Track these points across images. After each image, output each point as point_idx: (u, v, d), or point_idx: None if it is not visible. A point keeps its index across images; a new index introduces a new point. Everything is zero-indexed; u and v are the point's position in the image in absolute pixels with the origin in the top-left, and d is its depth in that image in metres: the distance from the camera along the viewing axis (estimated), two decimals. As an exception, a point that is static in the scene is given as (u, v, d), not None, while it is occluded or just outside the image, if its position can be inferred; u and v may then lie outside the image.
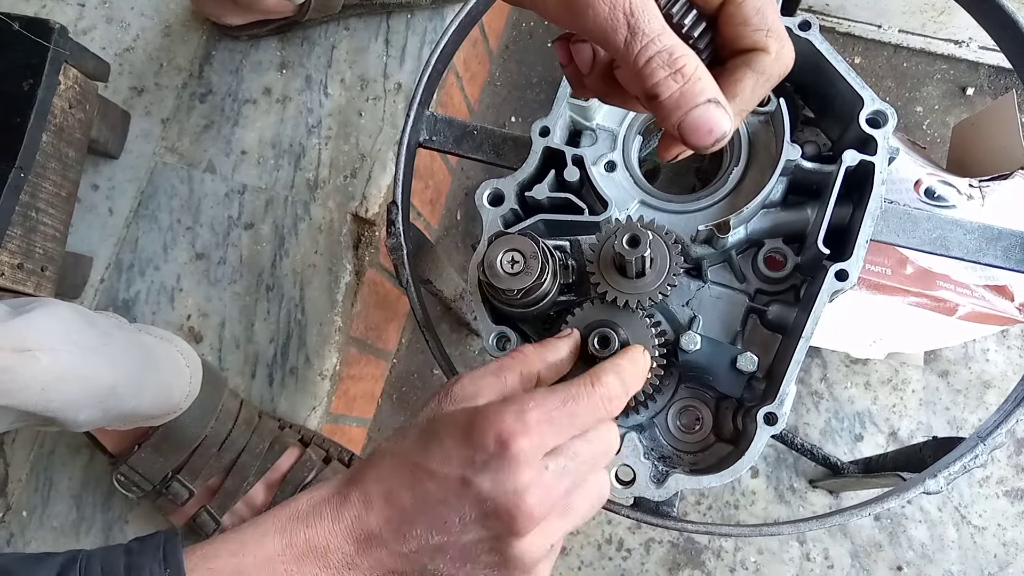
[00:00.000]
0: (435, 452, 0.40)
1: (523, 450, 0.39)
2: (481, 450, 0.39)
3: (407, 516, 0.40)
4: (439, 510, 0.39)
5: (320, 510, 0.41)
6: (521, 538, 0.39)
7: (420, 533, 0.40)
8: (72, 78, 0.91)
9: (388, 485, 0.41)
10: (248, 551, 0.40)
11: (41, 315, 0.68)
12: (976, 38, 1.27)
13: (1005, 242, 0.63)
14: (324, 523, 0.40)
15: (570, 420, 0.42)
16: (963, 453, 0.61)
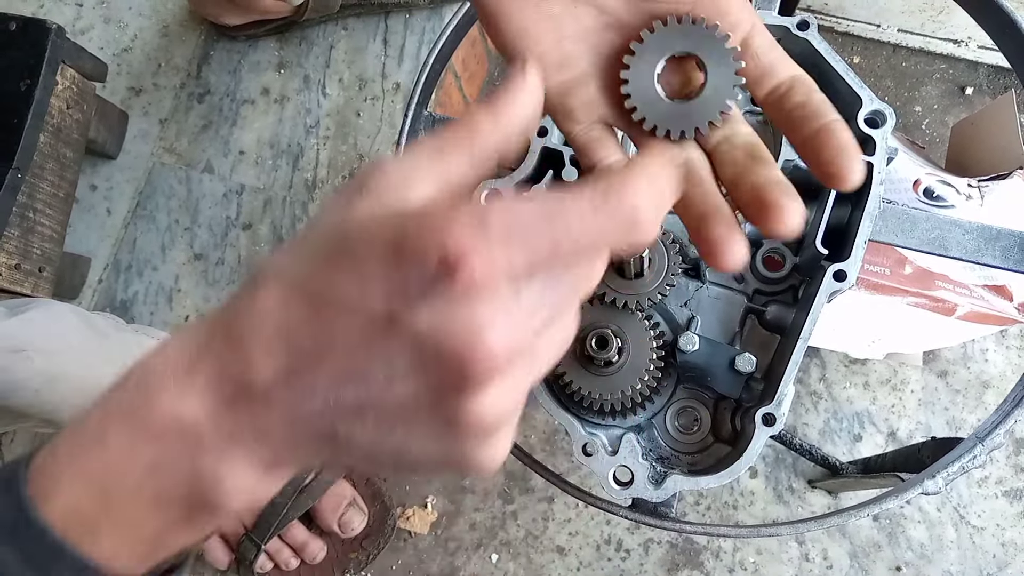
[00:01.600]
0: (346, 275, 0.26)
1: (482, 272, 0.24)
2: (417, 272, 0.25)
3: (305, 363, 0.27)
4: (355, 356, 0.26)
5: (169, 372, 0.29)
6: (477, 391, 0.26)
7: (326, 386, 0.27)
8: (69, 78, 0.91)
9: (273, 321, 0.27)
10: (92, 457, 0.30)
11: (37, 316, 0.68)
12: (975, 37, 1.27)
13: (1004, 242, 0.63)
14: (178, 388, 0.28)
15: (553, 234, 0.25)
16: (962, 454, 0.61)
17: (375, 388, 0.27)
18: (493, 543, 1.16)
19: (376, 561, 1.10)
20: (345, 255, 0.27)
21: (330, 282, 0.27)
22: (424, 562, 1.16)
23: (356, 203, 0.28)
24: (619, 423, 0.62)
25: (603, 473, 0.58)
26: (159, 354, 0.30)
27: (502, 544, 1.16)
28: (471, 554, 1.16)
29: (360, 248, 0.26)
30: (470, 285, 0.25)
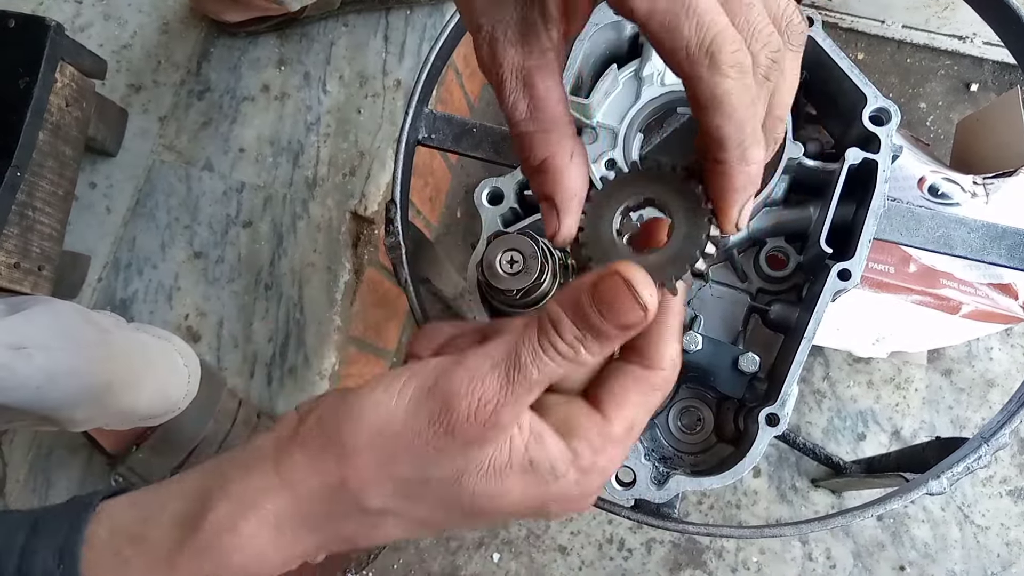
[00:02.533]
0: (486, 522, 0.37)
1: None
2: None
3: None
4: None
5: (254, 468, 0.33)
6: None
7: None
8: (69, 76, 0.90)
9: (400, 537, 0.35)
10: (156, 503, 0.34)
11: (37, 313, 0.67)
12: (980, 34, 1.26)
13: (1009, 240, 0.62)
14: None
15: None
16: (966, 454, 0.60)
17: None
18: (495, 542, 1.16)
19: (377, 560, 1.10)
20: (488, 517, 0.34)
21: (473, 523, 0.35)
22: (425, 561, 1.16)
23: (478, 456, 0.32)
24: (621, 423, 0.62)
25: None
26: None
27: (504, 543, 1.16)
28: (472, 553, 1.15)
29: (510, 516, 0.34)
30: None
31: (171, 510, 0.34)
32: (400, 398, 0.32)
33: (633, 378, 0.34)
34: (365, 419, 0.32)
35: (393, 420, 0.32)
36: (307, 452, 0.33)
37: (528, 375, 0.32)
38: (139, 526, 0.34)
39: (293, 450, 0.33)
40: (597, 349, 0.33)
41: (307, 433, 0.33)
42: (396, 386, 0.33)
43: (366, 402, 0.33)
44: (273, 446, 0.34)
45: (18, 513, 0.35)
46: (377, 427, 0.32)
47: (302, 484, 0.33)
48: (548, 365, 0.32)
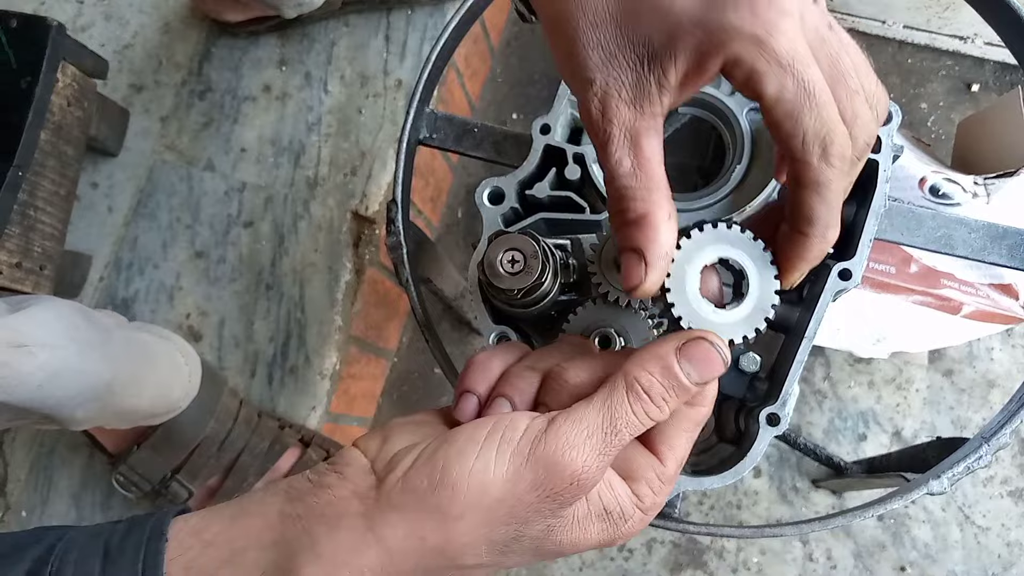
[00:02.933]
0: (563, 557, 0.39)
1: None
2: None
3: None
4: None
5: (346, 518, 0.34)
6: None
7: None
8: (70, 76, 0.90)
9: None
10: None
11: (39, 311, 0.67)
12: (981, 34, 1.26)
13: (1010, 240, 0.62)
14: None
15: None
16: (967, 454, 0.60)
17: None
18: (495, 542, 1.16)
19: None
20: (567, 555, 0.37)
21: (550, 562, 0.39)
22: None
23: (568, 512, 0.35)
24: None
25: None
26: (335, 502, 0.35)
27: (504, 543, 1.16)
28: (473, 553, 1.15)
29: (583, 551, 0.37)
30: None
31: (254, 560, 0.34)
32: (498, 466, 0.34)
33: (681, 417, 0.38)
34: (462, 486, 0.34)
35: (492, 488, 0.34)
36: (405, 516, 0.34)
37: (623, 439, 0.35)
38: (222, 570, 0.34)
39: (388, 512, 0.34)
40: (676, 405, 0.37)
41: (398, 496, 0.34)
42: (490, 454, 0.34)
43: (462, 469, 0.34)
44: (360, 503, 0.35)
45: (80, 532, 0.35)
46: (476, 495, 0.34)
47: (399, 544, 0.34)
48: (635, 425, 0.36)
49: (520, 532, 0.35)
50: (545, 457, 0.34)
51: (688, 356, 0.36)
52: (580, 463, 0.34)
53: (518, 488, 0.34)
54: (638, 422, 0.35)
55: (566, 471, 0.34)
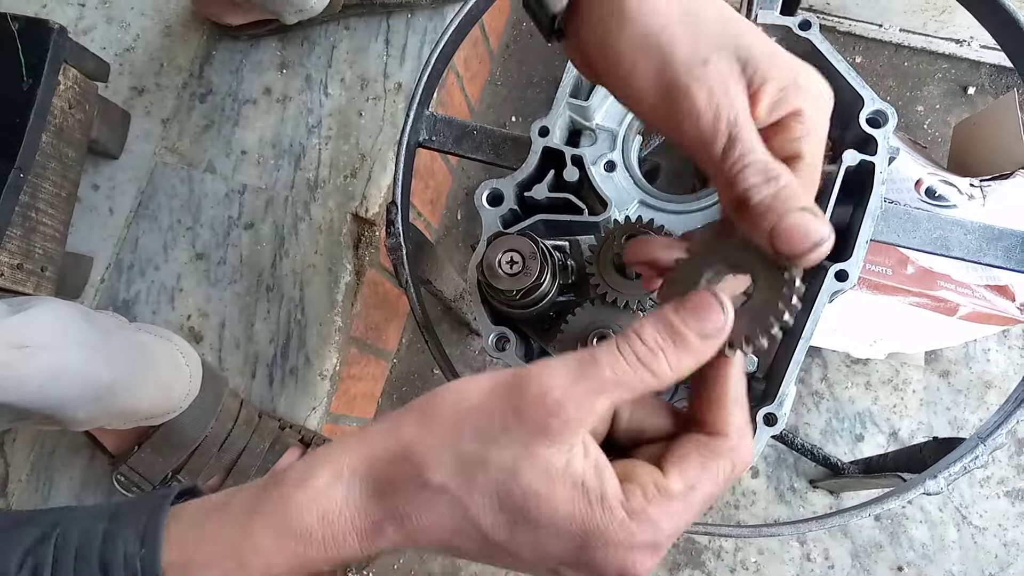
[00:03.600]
0: (527, 539, 0.33)
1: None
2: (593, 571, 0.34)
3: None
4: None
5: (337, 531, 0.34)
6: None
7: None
8: (72, 78, 0.91)
9: (449, 539, 0.34)
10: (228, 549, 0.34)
11: (40, 312, 0.68)
12: (977, 37, 1.27)
13: (1006, 242, 0.63)
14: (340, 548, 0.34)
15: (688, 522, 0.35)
16: (963, 454, 0.61)
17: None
18: (494, 543, 1.16)
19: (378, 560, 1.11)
20: (526, 526, 0.33)
21: (510, 539, 0.34)
22: (426, 561, 1.16)
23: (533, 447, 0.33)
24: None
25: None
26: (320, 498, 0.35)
27: (503, 544, 1.16)
28: (472, 554, 1.15)
29: (543, 528, 0.33)
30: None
31: (254, 483, 0.36)
32: (478, 383, 0.34)
33: (696, 443, 0.36)
34: (443, 396, 0.35)
35: (468, 398, 0.34)
36: (389, 420, 0.35)
37: (601, 372, 0.33)
38: (221, 498, 0.36)
39: (379, 420, 0.36)
40: (675, 361, 0.34)
41: (396, 411, 0.36)
42: (478, 377, 0.35)
43: (449, 386, 0.35)
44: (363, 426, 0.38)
45: (93, 506, 0.37)
46: (452, 402, 0.34)
47: (376, 444, 0.35)
48: (623, 366, 0.33)
49: (486, 454, 0.33)
50: (519, 374, 0.34)
51: (684, 304, 0.35)
52: (549, 382, 0.33)
53: (488, 400, 0.34)
54: (624, 362, 0.33)
55: (532, 386, 0.33)
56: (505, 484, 0.33)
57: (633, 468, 0.35)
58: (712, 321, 0.34)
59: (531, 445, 0.33)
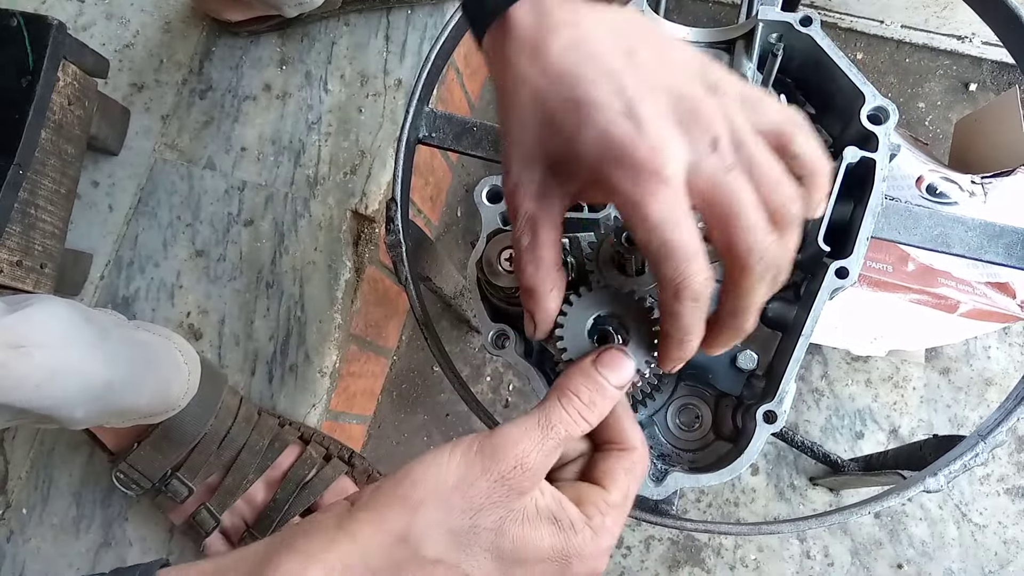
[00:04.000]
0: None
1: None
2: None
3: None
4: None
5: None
6: None
7: None
8: (71, 75, 0.90)
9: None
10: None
11: (36, 311, 0.67)
12: (979, 34, 1.26)
13: (1007, 239, 0.62)
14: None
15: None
16: (964, 451, 0.61)
17: None
18: (494, 540, 1.16)
19: None
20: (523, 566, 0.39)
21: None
22: None
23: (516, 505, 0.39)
24: (620, 420, 0.62)
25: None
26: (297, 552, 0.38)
27: (503, 541, 1.16)
28: (472, 550, 1.15)
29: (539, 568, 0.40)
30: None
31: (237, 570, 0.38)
32: (451, 459, 0.39)
33: (616, 457, 0.44)
34: (422, 479, 0.39)
35: (448, 477, 0.39)
36: (370, 510, 0.39)
37: (558, 432, 0.41)
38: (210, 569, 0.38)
39: (356, 511, 0.39)
40: (602, 409, 0.43)
41: (367, 498, 0.39)
42: (445, 453, 0.40)
43: (420, 466, 0.39)
44: (334, 515, 0.39)
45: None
46: (434, 484, 0.38)
47: (366, 537, 0.38)
48: (570, 423, 0.41)
49: (476, 522, 0.38)
50: (491, 445, 0.39)
51: (602, 363, 0.44)
52: (521, 448, 0.39)
53: (470, 474, 0.39)
54: (570, 418, 0.42)
55: (510, 453, 0.39)
56: (496, 542, 0.38)
57: (580, 491, 0.42)
58: (625, 372, 0.44)
59: (511, 504, 0.39)
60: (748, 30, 0.64)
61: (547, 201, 0.41)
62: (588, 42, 0.38)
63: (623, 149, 0.37)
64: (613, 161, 0.37)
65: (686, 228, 0.37)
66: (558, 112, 0.38)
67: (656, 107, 0.37)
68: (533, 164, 0.41)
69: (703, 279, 0.39)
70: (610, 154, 0.37)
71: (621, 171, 0.37)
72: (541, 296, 0.44)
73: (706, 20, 1.37)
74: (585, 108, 0.37)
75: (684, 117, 0.37)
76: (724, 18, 1.37)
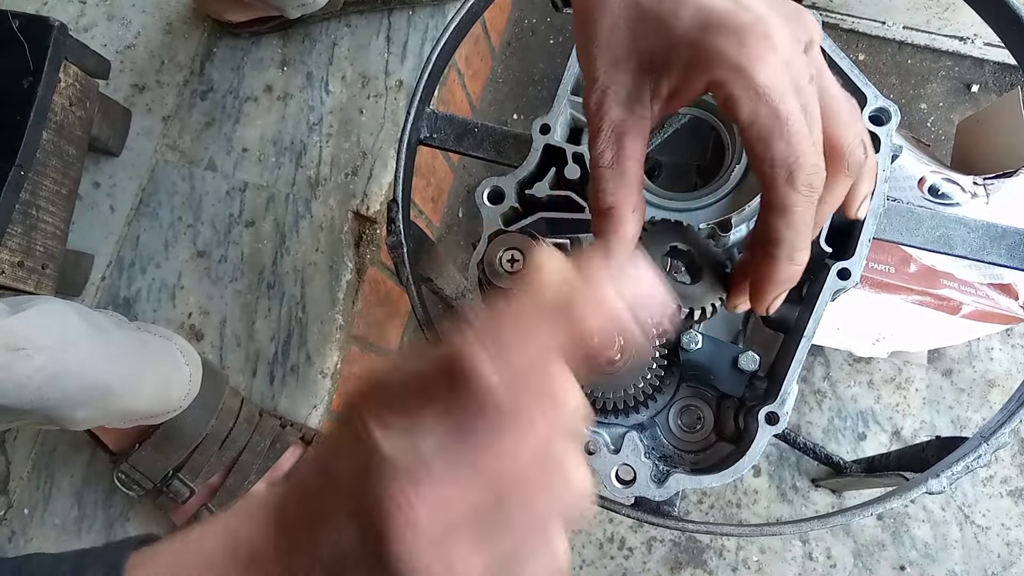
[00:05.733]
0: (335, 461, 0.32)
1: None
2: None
3: (297, 526, 0.31)
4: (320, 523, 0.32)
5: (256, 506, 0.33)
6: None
7: (305, 546, 0.31)
8: (72, 76, 0.91)
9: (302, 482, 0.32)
10: (189, 551, 0.34)
11: (37, 313, 0.67)
12: (981, 34, 1.26)
13: (1009, 240, 0.62)
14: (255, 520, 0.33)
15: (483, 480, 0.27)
16: (966, 453, 0.60)
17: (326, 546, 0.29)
18: (496, 541, 1.16)
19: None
20: (338, 450, 0.30)
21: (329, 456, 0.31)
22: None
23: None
24: (622, 422, 0.62)
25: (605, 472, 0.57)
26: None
27: (505, 542, 1.16)
28: (474, 552, 1.15)
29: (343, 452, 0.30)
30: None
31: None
32: None
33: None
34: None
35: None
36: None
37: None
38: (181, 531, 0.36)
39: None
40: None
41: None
42: None
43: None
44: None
45: (56, 553, 0.37)
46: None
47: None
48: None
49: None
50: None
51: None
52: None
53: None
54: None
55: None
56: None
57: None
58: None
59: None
60: (750, 31, 0.64)
61: (639, 108, 0.38)
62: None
63: (727, 16, 0.35)
64: (715, 28, 0.35)
65: (794, 99, 0.35)
66: (653, 4, 0.37)
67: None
68: (626, 66, 0.38)
69: (818, 162, 0.36)
70: (712, 23, 0.35)
71: (724, 38, 0.35)
72: (622, 218, 0.39)
73: (708, 21, 1.36)
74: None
75: (786, 10, 0.37)
76: (726, 19, 1.37)
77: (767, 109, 0.35)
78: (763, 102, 0.35)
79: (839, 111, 0.38)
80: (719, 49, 0.35)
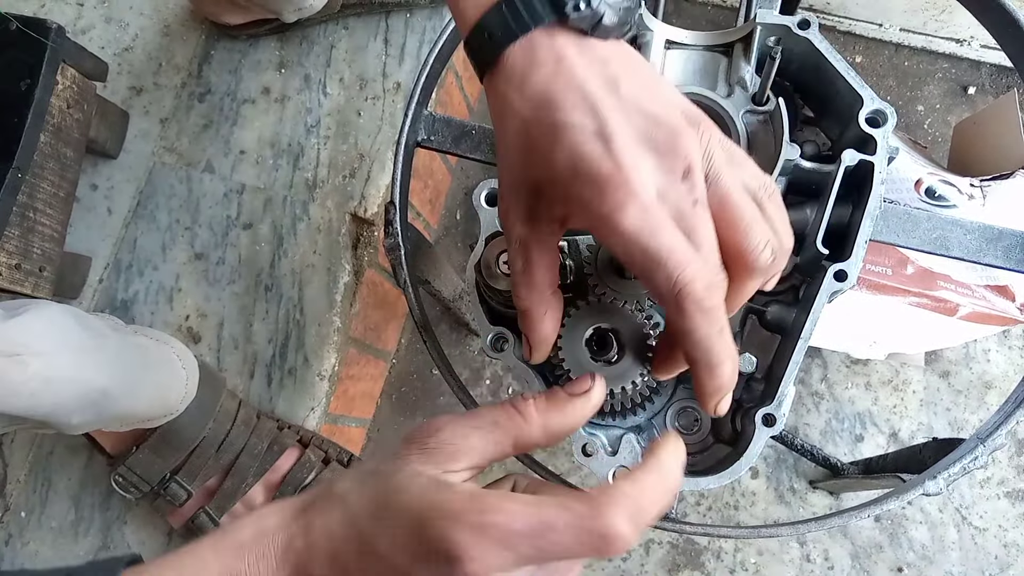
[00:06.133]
0: (385, 530, 0.36)
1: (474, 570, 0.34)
2: (430, 555, 0.34)
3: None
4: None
5: (263, 547, 0.37)
6: None
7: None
8: (70, 78, 0.90)
9: (335, 544, 0.37)
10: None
11: (32, 318, 0.67)
12: (978, 37, 1.26)
13: (1006, 242, 0.62)
14: (264, 563, 0.37)
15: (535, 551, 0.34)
16: (963, 454, 0.60)
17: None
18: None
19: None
20: (387, 513, 0.36)
21: (375, 528, 0.36)
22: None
23: (413, 458, 0.39)
24: (619, 423, 0.62)
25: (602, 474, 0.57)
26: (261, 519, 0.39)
27: (503, 544, 1.16)
28: (472, 554, 1.15)
29: (397, 513, 0.36)
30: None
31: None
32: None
33: (565, 491, 0.41)
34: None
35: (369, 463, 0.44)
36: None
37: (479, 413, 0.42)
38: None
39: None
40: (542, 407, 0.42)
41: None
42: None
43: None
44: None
45: (48, 569, 0.39)
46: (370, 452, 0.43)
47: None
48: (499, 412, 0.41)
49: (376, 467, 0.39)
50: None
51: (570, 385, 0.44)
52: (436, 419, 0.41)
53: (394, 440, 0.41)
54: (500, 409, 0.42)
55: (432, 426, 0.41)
56: (381, 485, 0.37)
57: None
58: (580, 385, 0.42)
59: (409, 458, 0.38)
60: (746, 33, 0.64)
61: (539, 225, 0.41)
62: (571, 72, 0.38)
63: (590, 165, 0.37)
64: (582, 179, 0.37)
65: (668, 232, 0.37)
66: (538, 137, 0.38)
67: (629, 130, 0.37)
68: (521, 189, 0.41)
69: (705, 282, 0.37)
70: (580, 172, 0.37)
71: (589, 188, 0.37)
72: (536, 319, 0.44)
73: (704, 23, 1.37)
74: (559, 130, 0.37)
75: (658, 143, 0.37)
76: (722, 21, 1.37)
77: (638, 248, 0.36)
78: (633, 244, 0.36)
79: (739, 217, 0.39)
80: (584, 199, 0.37)
